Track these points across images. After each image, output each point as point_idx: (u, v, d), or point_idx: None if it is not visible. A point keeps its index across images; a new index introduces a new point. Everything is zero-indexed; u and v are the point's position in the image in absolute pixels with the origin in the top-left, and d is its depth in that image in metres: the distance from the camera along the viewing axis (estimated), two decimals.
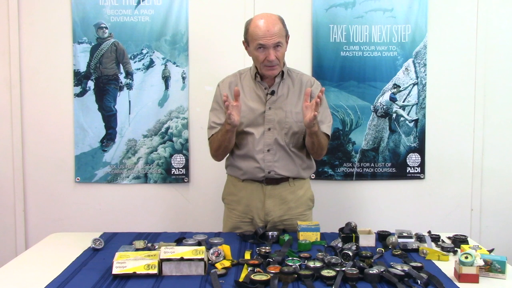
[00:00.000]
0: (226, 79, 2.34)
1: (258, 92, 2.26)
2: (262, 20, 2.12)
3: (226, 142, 2.18)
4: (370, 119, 2.99)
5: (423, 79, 2.98)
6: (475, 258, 1.62)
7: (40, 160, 3.00)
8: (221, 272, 1.67)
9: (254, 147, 2.22)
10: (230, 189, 2.36)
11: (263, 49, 2.12)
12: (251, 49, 2.18)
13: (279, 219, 2.27)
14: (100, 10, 2.92)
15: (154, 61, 2.96)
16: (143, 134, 3.00)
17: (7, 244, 3.02)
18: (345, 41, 2.94)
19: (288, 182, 2.27)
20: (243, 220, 2.30)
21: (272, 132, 2.22)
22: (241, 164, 2.27)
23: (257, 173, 2.24)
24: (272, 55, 2.11)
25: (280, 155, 2.24)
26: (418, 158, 3.02)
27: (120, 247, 1.91)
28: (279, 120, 2.22)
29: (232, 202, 2.34)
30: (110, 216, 3.02)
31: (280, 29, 2.13)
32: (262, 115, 2.22)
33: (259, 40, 2.11)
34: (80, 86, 2.96)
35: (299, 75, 2.32)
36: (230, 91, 2.24)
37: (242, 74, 2.32)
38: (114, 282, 1.61)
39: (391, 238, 1.98)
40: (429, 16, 2.95)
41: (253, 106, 2.23)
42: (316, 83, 2.33)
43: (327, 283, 1.58)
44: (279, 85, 2.25)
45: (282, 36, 2.14)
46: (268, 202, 2.26)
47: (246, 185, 2.28)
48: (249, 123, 2.23)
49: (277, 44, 2.12)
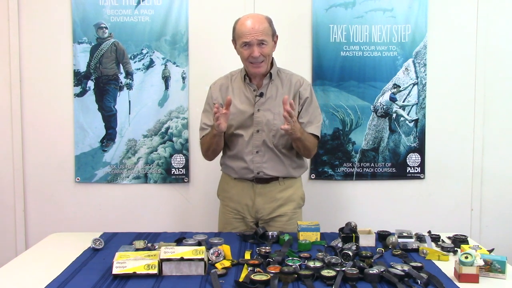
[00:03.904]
0: (217, 81, 2.39)
1: (247, 94, 2.29)
2: (248, 19, 2.20)
3: (214, 145, 2.26)
4: (370, 119, 2.99)
5: (423, 79, 2.98)
6: (475, 258, 1.62)
7: (40, 160, 3.00)
8: (221, 272, 1.67)
9: (244, 149, 2.28)
10: (223, 186, 2.44)
11: (248, 46, 2.18)
12: (238, 47, 2.24)
13: (268, 217, 2.32)
14: (100, 10, 2.92)
15: (154, 61, 2.96)
16: (143, 134, 3.00)
17: (7, 244, 3.02)
18: (345, 41, 2.94)
19: (278, 181, 2.32)
20: (235, 217, 2.37)
21: (261, 134, 2.26)
22: (232, 164, 2.33)
23: (247, 173, 2.29)
24: (256, 52, 2.16)
25: (269, 157, 2.28)
26: (418, 158, 3.02)
27: (120, 247, 1.91)
28: (267, 122, 2.25)
29: (225, 199, 2.42)
30: (110, 216, 3.02)
31: (265, 28, 2.18)
32: (251, 117, 2.26)
33: (243, 37, 2.17)
34: (80, 86, 2.96)
35: (288, 76, 2.34)
36: (221, 93, 2.32)
37: (234, 76, 2.37)
38: (114, 282, 1.62)
39: (391, 238, 1.98)
40: (429, 16, 2.95)
41: (242, 108, 2.27)
42: (305, 83, 2.34)
43: (327, 283, 1.58)
44: (268, 86, 2.28)
45: (267, 35, 2.19)
46: (258, 200, 2.31)
47: (238, 183, 2.34)
48: (239, 125, 2.27)
49: (261, 41, 2.17)
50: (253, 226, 2.33)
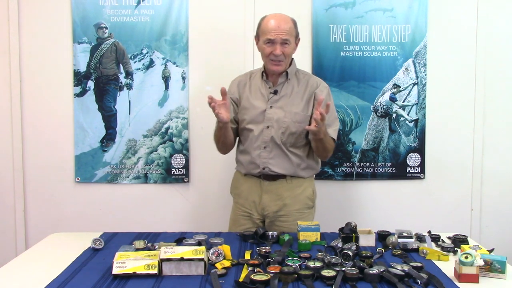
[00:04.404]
0: (237, 77, 2.48)
1: (263, 90, 2.35)
2: (274, 17, 2.26)
3: (222, 137, 2.30)
4: (370, 119, 2.99)
5: (423, 79, 2.98)
6: (475, 258, 1.62)
7: (40, 160, 3.00)
8: (221, 272, 1.67)
9: (253, 144, 2.32)
10: (234, 183, 2.49)
11: (271, 44, 2.23)
12: (260, 43, 2.29)
13: (274, 215, 2.33)
14: (100, 10, 2.92)
15: (154, 61, 2.96)
16: (143, 134, 3.00)
17: (7, 244, 3.02)
18: (345, 41, 2.94)
19: (285, 179, 2.33)
20: (242, 214, 2.39)
21: (270, 130, 2.29)
22: (242, 159, 2.38)
23: (253, 168, 2.33)
24: (278, 50, 2.21)
25: (276, 153, 2.30)
26: (418, 158, 3.01)
27: (120, 247, 1.91)
28: (277, 119, 2.28)
29: (235, 196, 2.47)
30: (110, 216, 3.01)
31: (290, 28, 2.24)
32: (262, 113, 2.31)
33: (268, 34, 2.22)
34: (80, 86, 2.96)
35: (306, 77, 2.38)
36: (238, 88, 2.40)
37: (253, 74, 2.43)
38: (114, 282, 1.62)
39: (391, 238, 1.98)
40: (429, 16, 2.95)
41: (255, 104, 2.32)
42: (322, 85, 2.36)
43: (327, 283, 1.58)
44: (283, 85, 2.33)
45: (291, 35, 2.24)
46: (265, 197, 2.33)
47: (247, 179, 2.38)
48: (251, 120, 2.32)
49: (284, 41, 2.22)
50: (259, 224, 2.35)
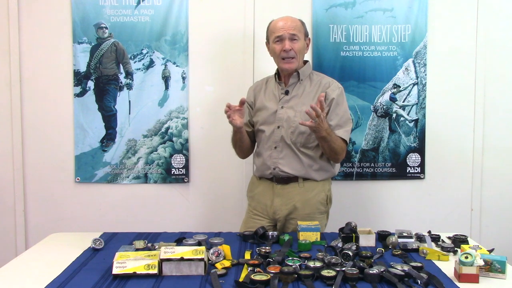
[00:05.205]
0: (255, 83, 2.54)
1: (275, 92, 2.37)
2: (281, 18, 2.31)
3: (239, 142, 2.35)
4: (370, 119, 2.99)
5: (423, 79, 2.98)
6: (475, 258, 1.62)
7: (40, 160, 3.00)
8: (221, 272, 1.67)
9: (264, 145, 2.34)
10: (250, 186, 2.51)
11: (280, 41, 2.26)
12: (271, 44, 2.32)
13: (285, 218, 2.32)
14: (100, 10, 2.92)
15: (154, 61, 2.95)
16: (143, 134, 3.00)
17: (7, 244, 3.02)
18: (345, 41, 2.94)
19: (297, 183, 2.31)
20: (253, 217, 2.39)
21: (280, 130, 2.30)
22: (256, 161, 2.42)
23: (265, 170, 2.33)
24: (287, 45, 2.23)
25: (286, 153, 2.29)
26: (418, 158, 3.01)
27: (120, 247, 1.91)
28: (287, 118, 2.28)
29: (249, 198, 2.49)
30: (110, 216, 3.01)
31: (297, 25, 2.29)
32: (274, 114, 2.32)
33: (276, 32, 2.27)
34: (80, 86, 2.96)
35: (320, 78, 2.38)
36: (254, 93, 2.46)
37: (269, 78, 2.46)
38: (114, 282, 1.62)
39: (391, 238, 1.98)
40: (429, 16, 2.94)
41: (267, 105, 2.34)
42: (334, 85, 2.33)
43: (327, 283, 1.58)
44: (295, 85, 2.33)
45: (299, 31, 2.28)
46: (276, 200, 2.32)
47: (261, 183, 2.39)
48: (263, 121, 2.34)
49: (293, 36, 2.25)
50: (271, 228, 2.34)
